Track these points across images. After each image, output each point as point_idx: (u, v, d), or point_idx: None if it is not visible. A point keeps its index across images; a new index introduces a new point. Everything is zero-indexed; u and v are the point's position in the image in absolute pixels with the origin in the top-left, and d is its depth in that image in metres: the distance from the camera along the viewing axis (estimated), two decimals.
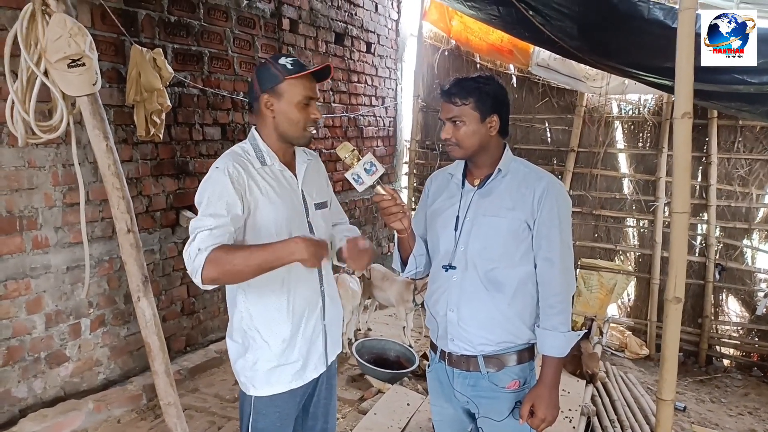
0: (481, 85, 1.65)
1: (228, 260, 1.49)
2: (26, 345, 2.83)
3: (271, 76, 1.66)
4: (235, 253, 1.51)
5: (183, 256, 1.55)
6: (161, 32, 3.41)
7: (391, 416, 3.10)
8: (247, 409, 1.76)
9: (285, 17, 4.50)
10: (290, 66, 1.67)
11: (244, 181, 1.63)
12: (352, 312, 4.16)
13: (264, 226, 1.67)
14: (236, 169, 1.63)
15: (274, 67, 1.67)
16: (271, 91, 1.67)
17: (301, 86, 1.67)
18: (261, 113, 1.71)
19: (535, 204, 1.64)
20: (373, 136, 6.12)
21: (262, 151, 1.72)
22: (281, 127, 1.70)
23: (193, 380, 3.53)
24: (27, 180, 2.78)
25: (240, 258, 1.50)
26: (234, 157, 1.67)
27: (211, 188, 1.60)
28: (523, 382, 1.74)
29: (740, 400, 4.70)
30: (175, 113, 3.54)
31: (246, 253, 1.51)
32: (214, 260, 1.48)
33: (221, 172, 1.61)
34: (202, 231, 1.53)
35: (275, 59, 1.69)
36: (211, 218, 1.55)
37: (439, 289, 1.76)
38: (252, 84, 1.71)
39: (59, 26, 2.22)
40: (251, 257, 1.50)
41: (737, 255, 5.26)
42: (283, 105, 1.67)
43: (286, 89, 1.66)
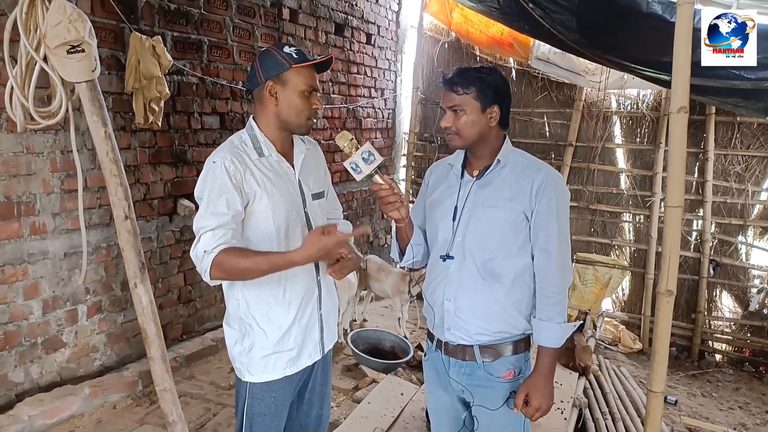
0: (483, 75, 1.65)
1: (233, 264, 1.54)
2: (23, 330, 2.84)
3: (276, 63, 1.65)
4: (240, 258, 1.55)
5: (191, 255, 1.59)
6: (161, 20, 3.40)
7: (385, 405, 3.12)
8: (243, 394, 1.78)
9: (285, 7, 4.48)
10: (295, 55, 1.67)
11: (241, 176, 1.63)
12: (348, 302, 4.18)
13: (263, 219, 1.67)
14: (233, 163, 1.62)
15: (279, 55, 1.66)
16: (276, 79, 1.66)
17: (306, 75, 1.67)
18: (263, 100, 1.70)
19: (534, 195, 1.65)
20: (371, 127, 6.11)
21: (260, 142, 1.71)
22: (284, 114, 1.70)
23: (189, 368, 3.55)
24: (25, 166, 2.78)
25: (245, 263, 1.55)
26: (231, 149, 1.66)
27: (210, 185, 1.60)
28: (518, 372, 1.76)
29: (731, 395, 4.75)
30: (173, 101, 3.53)
31: (251, 259, 1.55)
32: (220, 263, 1.54)
33: (219, 167, 1.61)
34: (206, 231, 1.56)
35: (279, 47, 1.69)
36: (212, 217, 1.57)
37: (437, 279, 1.78)
38: (254, 71, 1.70)
39: (59, 12, 2.21)
40: (257, 264, 1.56)
41: (732, 251, 5.30)
42: (287, 93, 1.67)
43: (292, 77, 1.66)
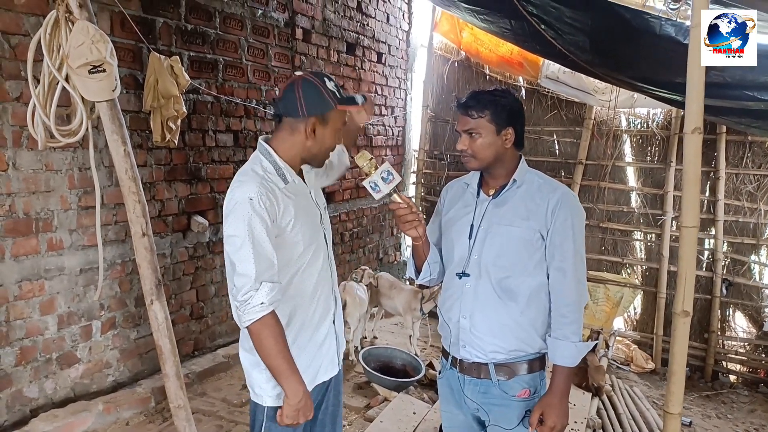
0: (497, 98, 1.68)
1: (266, 335, 1.55)
2: (39, 345, 2.87)
3: (322, 100, 1.61)
4: (271, 339, 1.56)
5: (234, 292, 1.56)
6: (178, 40, 3.47)
7: (397, 424, 3.11)
8: (260, 417, 1.75)
9: (298, 27, 4.56)
10: (338, 93, 1.63)
11: (276, 210, 1.58)
12: (359, 320, 4.17)
13: (297, 243, 1.66)
14: (269, 198, 1.56)
15: (325, 91, 1.61)
16: (320, 117, 1.62)
17: (344, 114, 1.66)
18: (295, 132, 1.65)
19: (549, 214, 1.67)
20: (382, 145, 6.16)
21: (282, 169, 1.66)
22: (314, 149, 1.66)
23: (201, 384, 3.55)
24: (44, 183, 2.83)
25: (270, 347, 1.56)
26: (260, 182, 1.58)
27: (255, 228, 1.53)
28: (533, 391, 1.76)
29: (746, 417, 4.67)
30: (189, 119, 3.59)
31: (275, 351, 1.56)
32: (264, 323, 1.54)
33: (257, 206, 1.54)
34: (265, 284, 1.53)
35: (321, 79, 1.63)
36: (269, 268, 1.55)
37: (453, 296, 1.79)
38: (293, 100, 1.61)
39: (82, 33, 2.26)
40: (274, 359, 1.57)
41: (744, 270, 5.25)
42: (326, 131, 1.65)
43: (334, 117, 1.64)
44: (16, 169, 2.71)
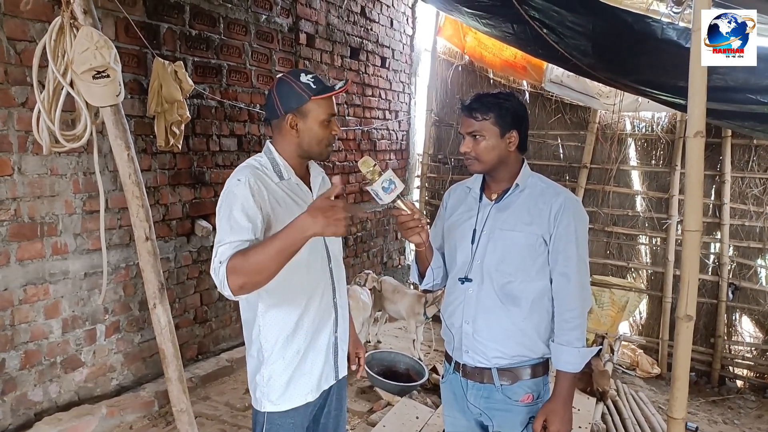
0: (501, 101, 1.68)
1: (245, 262, 1.45)
2: (43, 349, 2.88)
3: (295, 95, 1.64)
4: (249, 253, 1.46)
5: (210, 273, 1.53)
6: (182, 45, 3.49)
7: (400, 429, 3.10)
8: (261, 421, 1.75)
9: (302, 32, 4.58)
10: (313, 84, 1.64)
11: (264, 195, 1.60)
12: (363, 324, 4.17)
13: None
14: (256, 183, 1.59)
15: (297, 86, 1.64)
16: (296, 111, 1.64)
17: (324, 105, 1.66)
18: (282, 131, 1.69)
19: (552, 219, 1.66)
20: (386, 149, 6.16)
21: (280, 165, 1.69)
22: (305, 145, 1.69)
23: (205, 388, 3.56)
24: (49, 187, 2.84)
25: (255, 255, 1.45)
26: (252, 170, 1.63)
27: (231, 199, 1.56)
28: (536, 396, 1.75)
29: (754, 422, 4.64)
30: (193, 124, 3.60)
31: (259, 248, 1.46)
32: (233, 268, 1.45)
33: (243, 184, 1.57)
34: (223, 245, 1.50)
35: (295, 76, 1.66)
36: (231, 232, 1.52)
37: (455, 301, 1.78)
38: (271, 101, 1.68)
39: (86, 39, 2.28)
40: (265, 250, 1.45)
41: (751, 274, 5.22)
42: (308, 124, 1.66)
43: (312, 108, 1.64)
44: (22, 174, 2.73)
